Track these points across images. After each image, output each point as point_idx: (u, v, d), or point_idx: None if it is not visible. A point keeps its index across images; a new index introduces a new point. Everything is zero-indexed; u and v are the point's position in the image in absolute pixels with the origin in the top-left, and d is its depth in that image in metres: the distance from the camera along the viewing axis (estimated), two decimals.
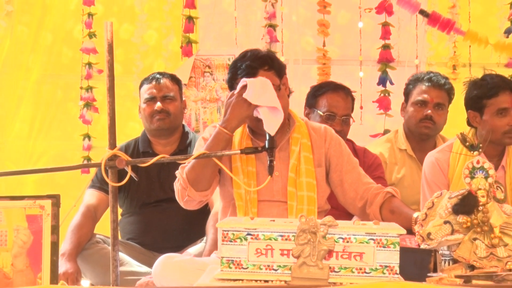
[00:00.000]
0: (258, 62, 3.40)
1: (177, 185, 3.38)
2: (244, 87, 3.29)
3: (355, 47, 5.57)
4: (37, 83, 5.81)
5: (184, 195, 3.35)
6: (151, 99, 4.28)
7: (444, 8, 5.49)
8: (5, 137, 5.77)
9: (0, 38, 5.71)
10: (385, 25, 5.50)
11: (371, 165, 4.27)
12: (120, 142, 3.11)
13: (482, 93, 4.02)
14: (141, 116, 4.36)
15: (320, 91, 4.32)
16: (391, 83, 5.48)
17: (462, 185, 2.93)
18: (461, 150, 3.91)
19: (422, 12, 5.09)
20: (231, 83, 3.44)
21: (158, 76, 4.33)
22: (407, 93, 4.52)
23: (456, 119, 4.62)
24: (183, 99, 4.44)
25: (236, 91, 3.31)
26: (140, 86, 4.38)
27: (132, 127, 5.57)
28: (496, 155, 4.03)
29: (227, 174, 3.37)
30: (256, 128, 3.45)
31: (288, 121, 3.53)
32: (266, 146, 3.21)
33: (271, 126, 3.22)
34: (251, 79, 3.30)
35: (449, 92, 4.48)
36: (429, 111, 4.42)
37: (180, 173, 3.36)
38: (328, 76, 5.47)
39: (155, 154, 4.11)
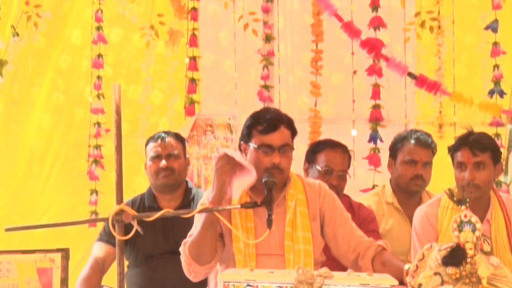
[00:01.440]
0: (280, 118, 3.45)
1: (182, 261, 3.44)
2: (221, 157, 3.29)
3: (347, 106, 5.60)
4: (48, 140, 5.83)
5: (190, 271, 3.41)
6: (157, 157, 4.28)
7: (431, 70, 5.54)
8: (15, 192, 5.78)
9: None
10: (376, 86, 5.54)
11: (366, 219, 4.25)
12: (127, 196, 3.12)
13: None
14: (147, 172, 4.36)
15: (319, 148, 4.33)
16: (381, 140, 5.50)
17: (450, 237, 2.92)
18: (448, 205, 3.91)
19: (410, 75, 5.14)
20: (250, 130, 3.46)
21: (163, 135, 4.34)
22: (394, 151, 4.53)
23: (443, 174, 4.62)
24: (187, 156, 4.44)
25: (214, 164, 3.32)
26: (146, 144, 4.38)
27: (138, 182, 5.59)
28: (481, 209, 4.02)
29: (227, 234, 3.40)
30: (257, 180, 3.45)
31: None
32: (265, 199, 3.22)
33: (240, 185, 3.26)
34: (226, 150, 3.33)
35: (434, 150, 4.52)
36: (420, 171, 4.43)
37: (183, 250, 3.42)
38: (318, 135, 5.50)
39: (160, 209, 4.09)
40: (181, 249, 3.44)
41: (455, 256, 2.82)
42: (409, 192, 4.51)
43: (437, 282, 2.82)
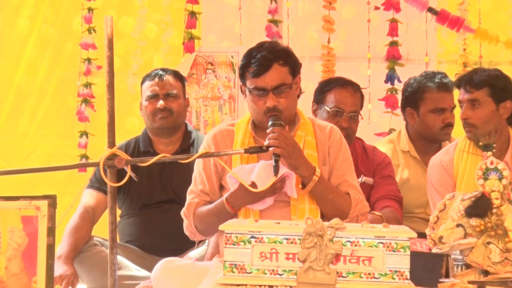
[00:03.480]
0: (274, 55, 3.37)
1: (185, 224, 3.51)
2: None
3: (360, 43, 5.55)
4: (35, 76, 5.81)
5: (192, 236, 3.53)
6: (154, 97, 4.24)
7: (453, 5, 5.47)
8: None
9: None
10: (393, 22, 5.47)
11: (380, 164, 4.24)
12: (119, 137, 3.10)
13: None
14: (142, 113, 4.32)
15: (328, 87, 4.28)
16: (399, 81, 5.45)
17: (468, 183, 2.91)
18: (465, 148, 3.90)
19: (431, 10, 5.08)
20: (243, 71, 3.43)
21: (161, 72, 4.29)
22: (415, 100, 4.44)
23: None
24: (186, 96, 4.39)
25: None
26: (142, 82, 4.34)
27: (131, 122, 5.59)
28: (498, 150, 3.99)
29: (225, 181, 3.39)
30: (261, 123, 3.42)
31: (293, 120, 3.49)
32: None
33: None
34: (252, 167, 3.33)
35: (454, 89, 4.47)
36: (450, 119, 4.39)
37: (188, 217, 3.46)
38: (332, 74, 5.45)
39: (156, 154, 4.07)
40: (184, 212, 3.47)
41: (480, 207, 2.82)
42: (436, 141, 4.47)
43: (459, 234, 2.82)
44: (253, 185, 3.25)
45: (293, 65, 3.43)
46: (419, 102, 4.42)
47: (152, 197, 4.21)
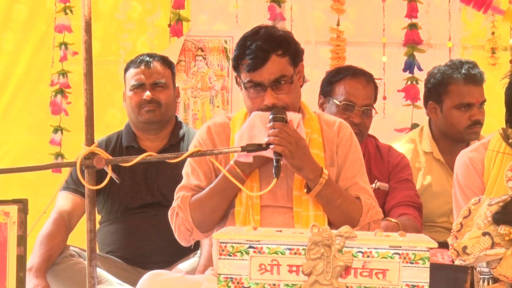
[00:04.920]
0: (271, 44, 3.36)
1: (175, 222, 3.43)
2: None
3: (374, 25, 5.56)
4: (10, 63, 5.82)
5: (188, 237, 3.45)
6: (139, 86, 4.24)
7: None
8: None
9: None
10: (412, 1, 5.48)
11: (397, 166, 4.25)
12: (99, 132, 3.10)
13: None
14: (126, 105, 4.32)
15: (336, 77, 4.29)
16: (419, 69, 5.46)
17: (499, 190, 2.92)
18: (499, 147, 3.89)
19: None
20: (237, 63, 3.42)
21: (147, 58, 4.29)
22: (438, 93, 4.44)
23: (492, 109, 4.64)
24: (176, 86, 4.40)
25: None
26: (126, 70, 4.34)
27: (112, 115, 5.60)
28: None
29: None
30: None
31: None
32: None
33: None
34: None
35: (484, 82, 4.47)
36: (477, 115, 4.37)
37: (181, 209, 3.40)
38: (343, 61, 5.45)
39: (141, 150, 4.10)
40: (177, 206, 3.42)
41: (510, 212, 2.82)
42: (462, 141, 4.46)
43: (486, 244, 2.83)
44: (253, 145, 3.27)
45: (294, 54, 3.42)
46: (442, 96, 4.42)
47: (135, 199, 4.22)
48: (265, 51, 3.34)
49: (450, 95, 4.39)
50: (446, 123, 4.44)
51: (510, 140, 2.96)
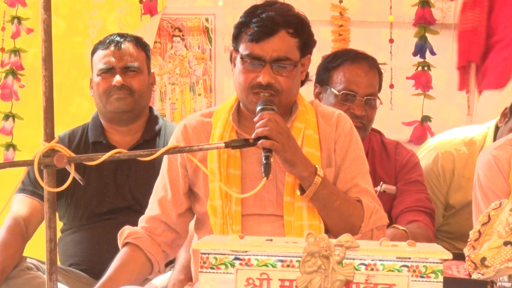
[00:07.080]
0: (284, 19, 3.38)
1: None
2: None
3: (380, 2, 5.58)
4: None
5: None
6: (108, 71, 4.25)
7: None
8: None
9: None
10: None
11: (406, 165, 4.27)
12: (64, 124, 3.10)
13: None
14: (92, 93, 4.33)
15: (334, 63, 4.31)
16: (432, 53, 5.48)
17: None
18: None
19: None
20: (239, 30, 3.43)
21: (118, 39, 4.30)
22: None
23: None
24: (152, 71, 4.40)
25: None
26: (93, 52, 4.34)
27: (78, 104, 5.60)
28: None
29: (201, 186, 3.42)
30: (245, 105, 3.45)
31: (290, 109, 3.50)
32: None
33: None
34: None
35: None
36: None
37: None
38: (347, 43, 5.47)
39: (110, 146, 4.11)
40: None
41: None
42: None
43: (508, 255, 2.84)
44: None
45: (305, 40, 3.44)
46: None
47: (103, 204, 4.24)
48: (276, 23, 3.36)
49: None
50: None
51: None
